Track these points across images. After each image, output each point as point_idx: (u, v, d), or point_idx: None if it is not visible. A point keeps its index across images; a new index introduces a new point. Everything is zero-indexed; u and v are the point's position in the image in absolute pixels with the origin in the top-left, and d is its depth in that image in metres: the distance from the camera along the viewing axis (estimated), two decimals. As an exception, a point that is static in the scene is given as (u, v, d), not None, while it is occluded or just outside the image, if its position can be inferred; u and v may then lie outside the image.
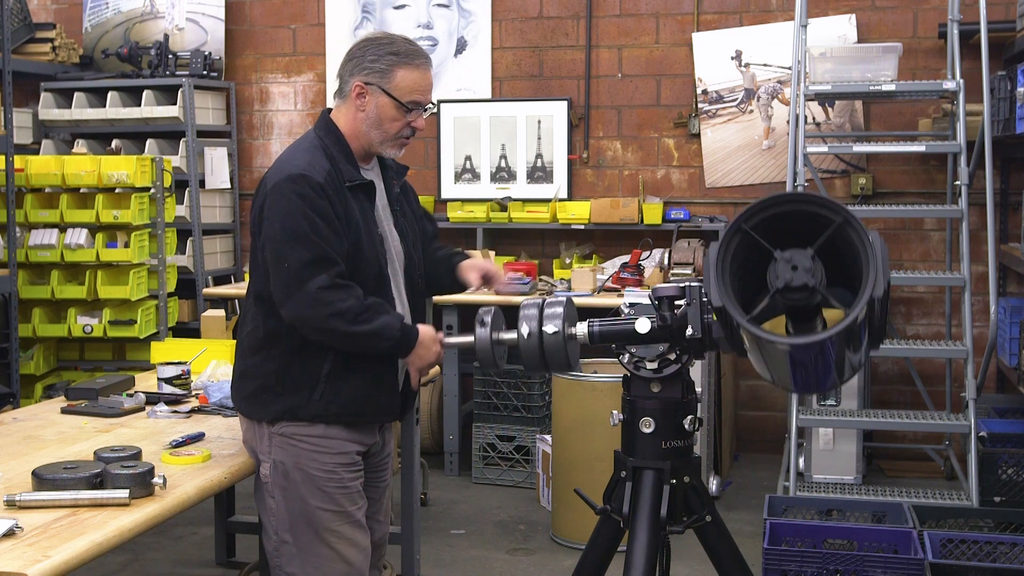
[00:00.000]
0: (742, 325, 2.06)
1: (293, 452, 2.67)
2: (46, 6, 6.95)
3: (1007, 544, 3.56)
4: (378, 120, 2.69)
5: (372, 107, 2.68)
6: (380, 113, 2.68)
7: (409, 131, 2.72)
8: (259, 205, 2.65)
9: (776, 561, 3.50)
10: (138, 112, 6.26)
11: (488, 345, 2.47)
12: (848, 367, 2.20)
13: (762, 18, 5.93)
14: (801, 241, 2.06)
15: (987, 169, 4.75)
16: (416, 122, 2.72)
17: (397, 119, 2.69)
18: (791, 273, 2.04)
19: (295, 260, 2.53)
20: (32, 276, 5.75)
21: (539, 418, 5.40)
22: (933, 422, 4.79)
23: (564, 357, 2.39)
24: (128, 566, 4.37)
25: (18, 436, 2.99)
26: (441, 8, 6.34)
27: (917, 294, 5.84)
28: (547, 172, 6.19)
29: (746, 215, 2.10)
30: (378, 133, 2.70)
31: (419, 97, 2.70)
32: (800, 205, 2.07)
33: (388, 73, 2.66)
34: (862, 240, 2.01)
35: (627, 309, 2.45)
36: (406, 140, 2.75)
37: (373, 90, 2.67)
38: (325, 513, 2.67)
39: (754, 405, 6.07)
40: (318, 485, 2.66)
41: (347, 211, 2.61)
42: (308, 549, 2.67)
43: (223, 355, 3.89)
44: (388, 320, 2.60)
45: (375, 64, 2.67)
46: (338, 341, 2.59)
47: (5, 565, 1.99)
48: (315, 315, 2.54)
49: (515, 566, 4.39)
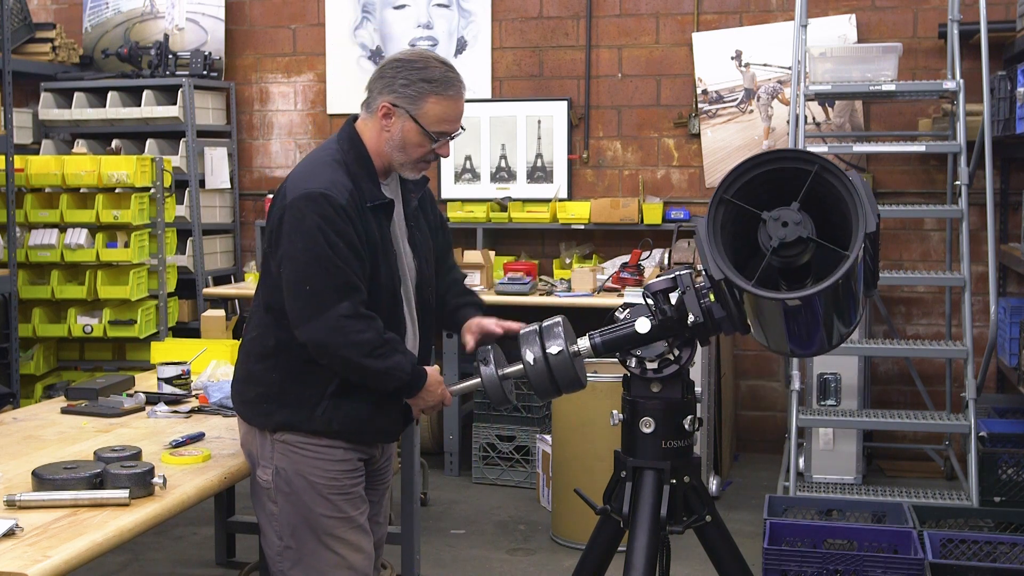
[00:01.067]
0: (747, 290, 2.05)
1: (295, 459, 2.64)
2: (46, 6, 6.95)
3: (1007, 544, 3.56)
4: (402, 144, 2.60)
5: (398, 130, 2.58)
6: (405, 138, 2.58)
7: (432, 156, 2.64)
8: (277, 218, 2.56)
9: (776, 561, 3.50)
10: (138, 112, 6.26)
11: (496, 383, 2.49)
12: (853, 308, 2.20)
13: (762, 18, 5.93)
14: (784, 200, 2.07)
15: (987, 169, 4.75)
16: (442, 150, 2.63)
17: (422, 146, 2.60)
18: (783, 230, 2.05)
19: (318, 285, 2.48)
20: (32, 276, 5.75)
21: (539, 418, 5.40)
22: (933, 422, 4.79)
23: (573, 374, 2.39)
24: (128, 566, 4.37)
25: (18, 436, 2.99)
26: (441, 8, 6.34)
27: (917, 294, 5.84)
28: (547, 172, 6.19)
29: (725, 185, 2.11)
30: (400, 155, 2.61)
31: (447, 128, 2.61)
32: (775, 163, 2.08)
33: (418, 100, 2.56)
34: (842, 182, 2.02)
35: (622, 314, 2.44)
36: (427, 164, 2.67)
37: (400, 113, 2.57)
38: (328, 519, 2.65)
39: (754, 405, 6.07)
40: (320, 492, 2.64)
41: (367, 232, 2.55)
42: (312, 554, 2.66)
43: (223, 355, 3.89)
44: (400, 361, 2.56)
45: (406, 89, 2.57)
46: (348, 370, 2.55)
47: (5, 565, 1.99)
48: (332, 342, 2.50)
49: (515, 566, 4.39)
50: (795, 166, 2.07)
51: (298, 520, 2.65)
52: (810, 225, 2.06)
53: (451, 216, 6.10)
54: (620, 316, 2.44)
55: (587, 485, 2.73)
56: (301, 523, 2.65)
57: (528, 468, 5.38)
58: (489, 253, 5.83)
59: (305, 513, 2.64)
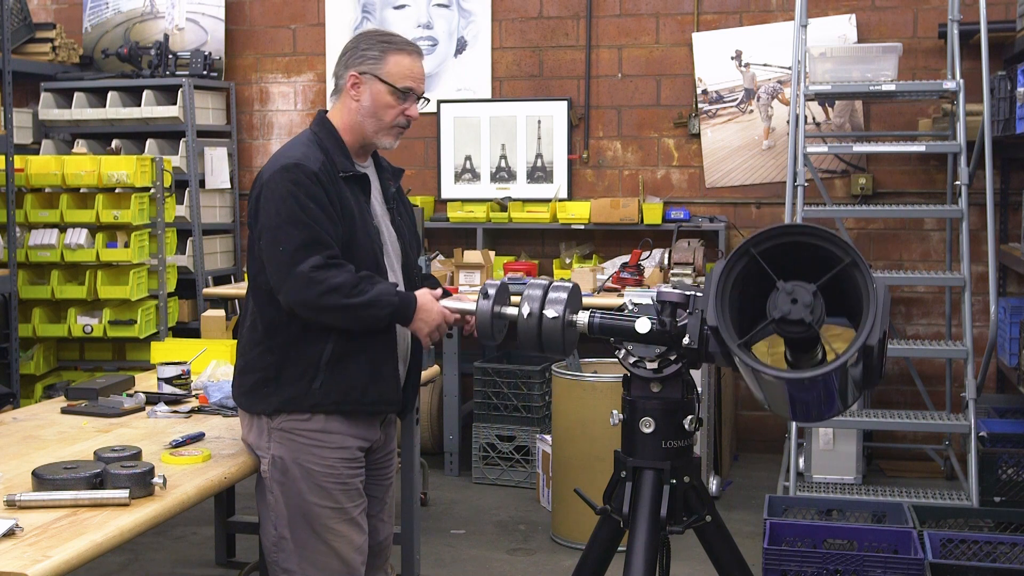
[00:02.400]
0: (732, 351, 2.09)
1: (292, 447, 2.67)
2: (46, 6, 6.95)
3: (1007, 544, 3.57)
4: (373, 108, 2.70)
5: (367, 96, 2.70)
6: (375, 100, 2.70)
7: (404, 120, 2.73)
8: (255, 196, 2.67)
9: (776, 561, 3.50)
10: (138, 112, 6.26)
11: (488, 317, 2.49)
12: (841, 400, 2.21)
13: (762, 18, 5.93)
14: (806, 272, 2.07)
15: (987, 169, 4.75)
16: (410, 110, 2.72)
17: (392, 106, 2.70)
18: (790, 306, 2.06)
19: (289, 243, 2.56)
20: (32, 276, 5.75)
21: (539, 418, 5.40)
22: (933, 422, 4.79)
23: (560, 342, 2.41)
24: (128, 566, 4.37)
25: (18, 436, 2.98)
26: (441, 8, 6.34)
27: (917, 294, 5.84)
28: (547, 172, 6.19)
29: (756, 239, 2.11)
30: (373, 122, 2.71)
31: (412, 84, 2.71)
32: (812, 239, 2.09)
33: (381, 59, 2.69)
34: (867, 285, 2.03)
35: (632, 306, 2.45)
36: (401, 130, 2.75)
37: (367, 79, 2.69)
38: (323, 510, 2.67)
39: (754, 405, 6.06)
40: (316, 481, 2.66)
41: (342, 200, 2.63)
42: (305, 545, 2.67)
43: (223, 355, 3.89)
44: (383, 287, 2.61)
45: (368, 52, 2.70)
46: (338, 318, 2.59)
47: (5, 565, 1.99)
48: (311, 294, 2.55)
49: (515, 566, 4.39)
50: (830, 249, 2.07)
51: (292, 509, 2.67)
52: (820, 309, 2.06)
53: (451, 216, 6.10)
54: (629, 306, 2.45)
55: (587, 485, 2.73)
56: (295, 512, 2.67)
57: (528, 468, 5.38)
58: (489, 253, 5.83)
59: (299, 502, 2.66)
